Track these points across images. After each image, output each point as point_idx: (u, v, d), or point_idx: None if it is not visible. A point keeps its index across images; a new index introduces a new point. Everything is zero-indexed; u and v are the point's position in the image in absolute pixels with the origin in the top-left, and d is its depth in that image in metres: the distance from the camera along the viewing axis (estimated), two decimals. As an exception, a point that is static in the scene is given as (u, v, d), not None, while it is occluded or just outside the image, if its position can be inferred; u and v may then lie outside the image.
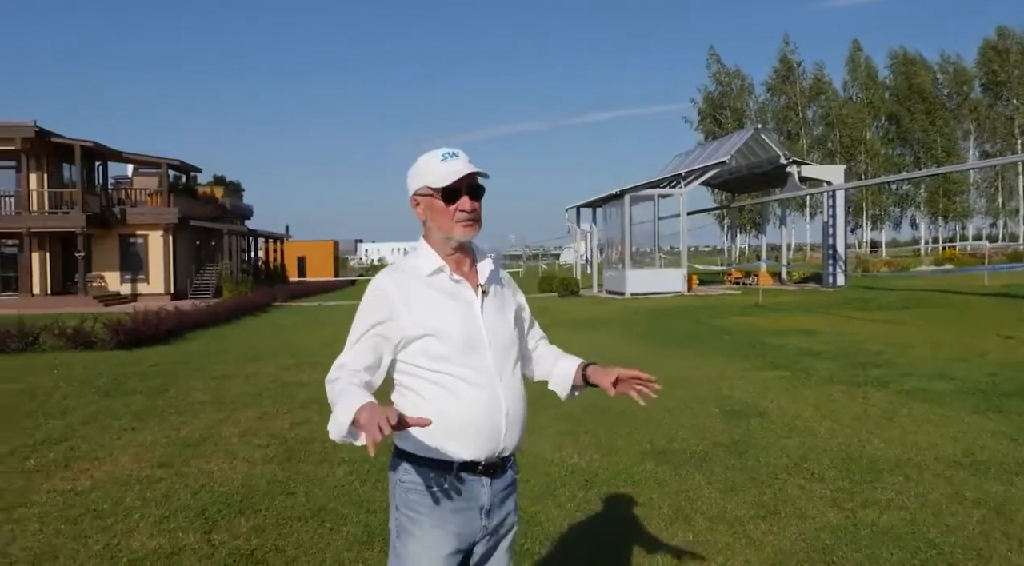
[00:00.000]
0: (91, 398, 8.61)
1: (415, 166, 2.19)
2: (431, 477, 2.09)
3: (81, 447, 6.36)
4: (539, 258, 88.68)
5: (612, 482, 5.31)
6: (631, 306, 22.37)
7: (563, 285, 28.72)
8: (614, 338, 14.39)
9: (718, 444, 6.22)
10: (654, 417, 7.22)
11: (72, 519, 4.60)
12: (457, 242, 2.16)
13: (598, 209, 31.32)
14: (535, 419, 7.03)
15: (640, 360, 11.06)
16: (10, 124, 31.26)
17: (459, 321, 2.11)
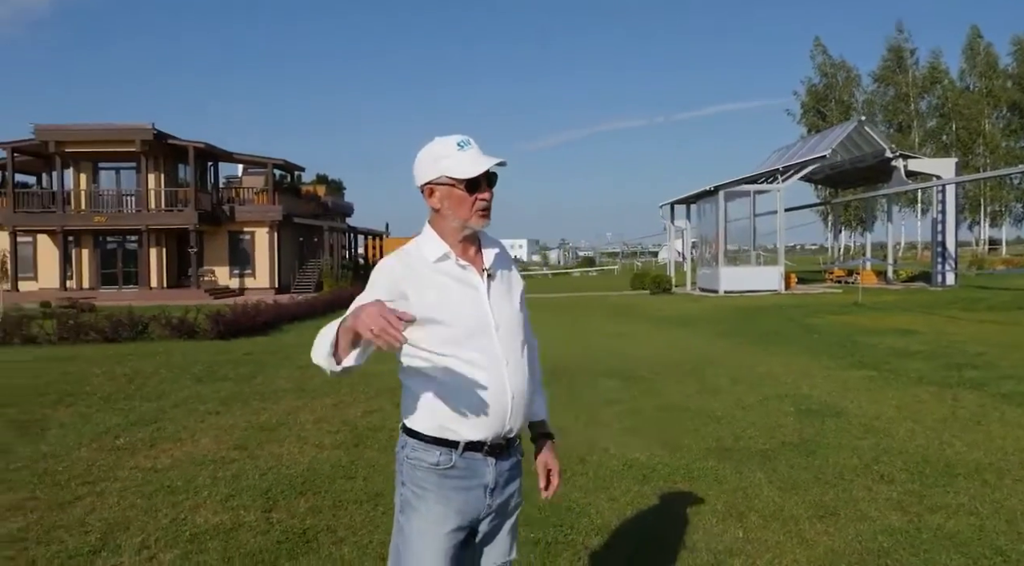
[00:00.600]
0: (184, 383, 9.09)
1: (429, 154, 2.17)
2: (437, 455, 2.12)
3: (167, 428, 6.73)
4: (637, 255, 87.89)
5: (670, 478, 5.24)
6: (722, 304, 21.90)
7: (655, 282, 28.36)
8: (697, 335, 14.14)
9: (786, 443, 6.05)
10: (726, 415, 7.08)
11: (147, 494, 4.89)
12: (475, 229, 2.17)
13: (692, 206, 30.76)
14: (603, 414, 7.07)
15: (719, 358, 10.85)
16: (131, 127, 33.25)
17: (467, 306, 2.13)
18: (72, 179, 34.90)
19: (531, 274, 69.46)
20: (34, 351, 13.06)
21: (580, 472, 5.38)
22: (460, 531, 2.15)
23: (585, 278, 55.28)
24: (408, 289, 2.09)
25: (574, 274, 64.56)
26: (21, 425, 6.89)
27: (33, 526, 4.32)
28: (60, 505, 4.69)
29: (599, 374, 9.55)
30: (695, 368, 9.87)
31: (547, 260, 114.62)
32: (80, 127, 33.61)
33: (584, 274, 62.38)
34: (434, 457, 2.12)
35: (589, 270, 66.33)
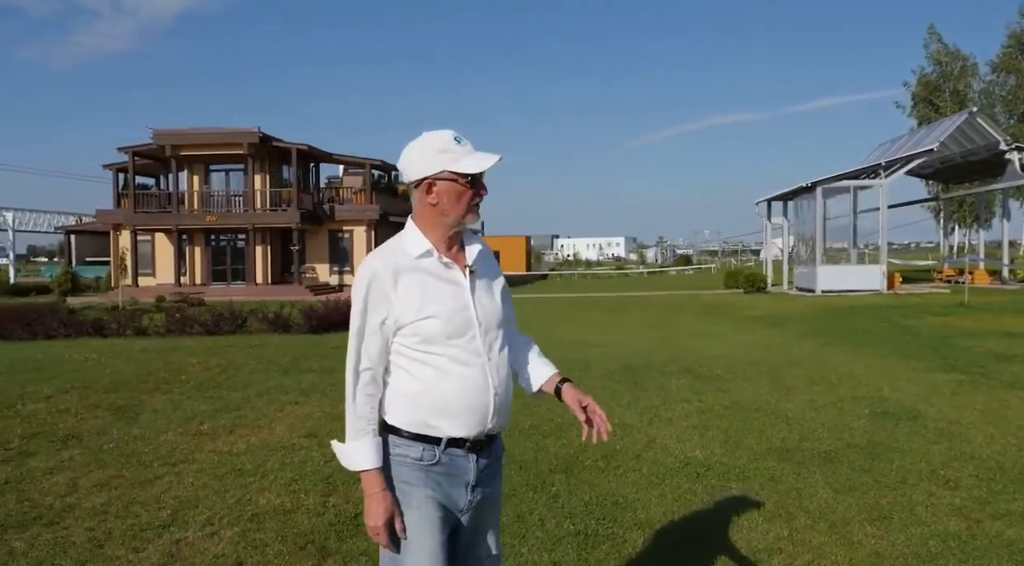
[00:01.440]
0: (271, 374, 9.54)
1: (428, 147, 2.13)
2: (421, 450, 2.14)
3: (248, 416, 7.11)
4: (737, 254, 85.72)
5: (724, 476, 5.20)
6: (817, 304, 21.23)
7: (748, 281, 27.73)
8: (782, 335, 13.79)
9: (853, 445, 5.90)
10: (795, 415, 6.94)
11: (219, 476, 5.21)
12: (468, 226, 2.19)
13: (790, 202, 29.88)
14: (668, 412, 7.05)
15: (800, 358, 10.59)
16: (239, 130, 34.84)
17: (451, 304, 2.13)
18: (186, 181, 36.84)
19: (626, 272, 68.91)
20: (143, 342, 13.93)
21: (633, 468, 5.40)
22: (448, 524, 2.17)
23: (681, 276, 54.47)
24: (393, 293, 2.09)
25: (670, 272, 63.66)
26: (120, 409, 7.41)
27: (115, 501, 4.68)
28: (141, 483, 5.06)
29: (673, 372, 9.48)
30: (773, 368, 9.66)
31: (643, 258, 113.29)
32: (193, 131, 35.43)
33: (680, 272, 61.44)
34: (417, 452, 2.13)
35: (685, 268, 65.26)
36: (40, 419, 6.94)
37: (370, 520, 2.09)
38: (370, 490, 2.09)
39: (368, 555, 3.86)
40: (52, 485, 5.00)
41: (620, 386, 8.64)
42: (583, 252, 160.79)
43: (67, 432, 6.44)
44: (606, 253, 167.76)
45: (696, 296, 27.14)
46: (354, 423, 2.12)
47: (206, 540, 4.05)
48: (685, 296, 27.44)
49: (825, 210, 28.49)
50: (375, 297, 2.10)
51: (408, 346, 2.12)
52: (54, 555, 3.83)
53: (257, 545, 3.98)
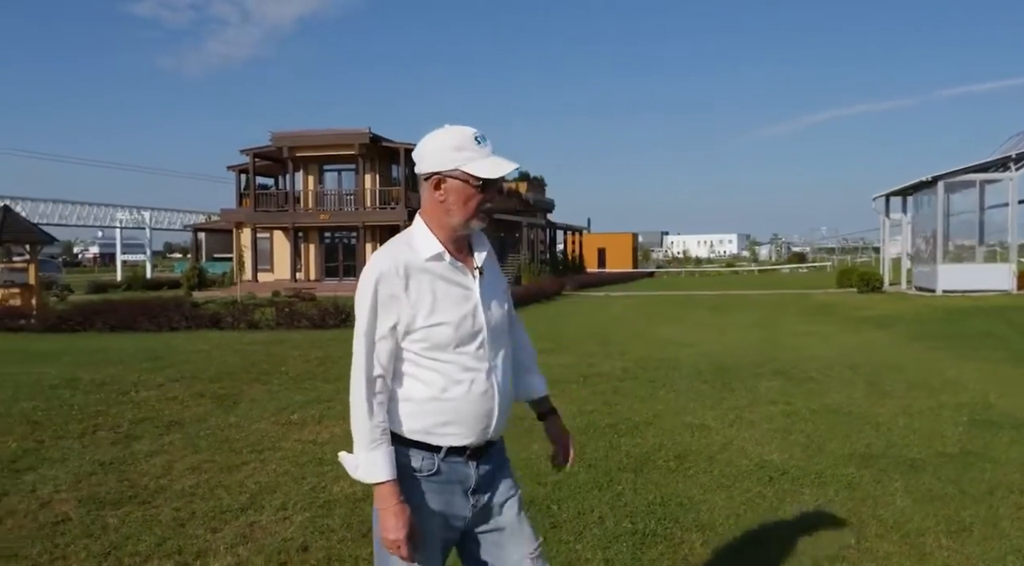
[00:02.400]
0: (365, 368, 9.87)
1: (445, 142, 2.05)
2: (420, 459, 2.07)
3: (337, 407, 7.40)
4: (859, 251, 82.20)
5: (798, 481, 5.07)
6: (935, 304, 20.13)
7: (863, 280, 26.57)
8: (889, 337, 13.18)
9: (943, 453, 5.62)
10: (886, 421, 6.67)
11: (301, 464, 5.47)
12: (473, 229, 2.11)
13: (910, 197, 28.42)
14: (753, 414, 6.90)
15: (904, 361, 10.14)
16: (350, 131, 36.05)
17: (461, 310, 2.06)
18: (301, 181, 38.42)
19: (736, 270, 67.23)
20: (254, 335, 14.67)
21: (705, 470, 5.34)
22: (450, 530, 2.13)
23: (793, 275, 52.75)
24: (403, 296, 2.02)
25: (783, 270, 61.75)
26: (221, 398, 7.86)
27: (202, 484, 5.00)
28: (228, 468, 5.37)
29: (765, 373, 9.25)
30: (872, 371, 9.28)
31: (756, 256, 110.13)
32: (308, 133, 36.90)
33: (793, 271, 59.50)
34: (417, 462, 2.07)
35: (799, 267, 63.10)
36: (149, 405, 7.45)
37: (389, 534, 1.98)
38: (387, 503, 2.00)
39: (426, 544, 3.99)
40: (150, 467, 5.38)
41: (706, 386, 8.51)
42: (693, 249, 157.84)
43: (171, 418, 6.90)
44: (717, 250, 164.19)
45: (805, 295, 26.24)
46: (369, 432, 2.02)
47: (278, 524, 4.28)
48: (794, 295, 26.57)
49: (948, 206, 26.98)
50: (384, 299, 2.01)
51: (415, 352, 2.05)
52: (140, 531, 4.13)
53: (324, 530, 4.18)
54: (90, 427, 6.53)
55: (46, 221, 68.12)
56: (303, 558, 3.81)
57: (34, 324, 16.91)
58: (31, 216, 64.30)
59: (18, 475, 5.17)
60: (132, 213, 70.92)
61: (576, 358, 10.79)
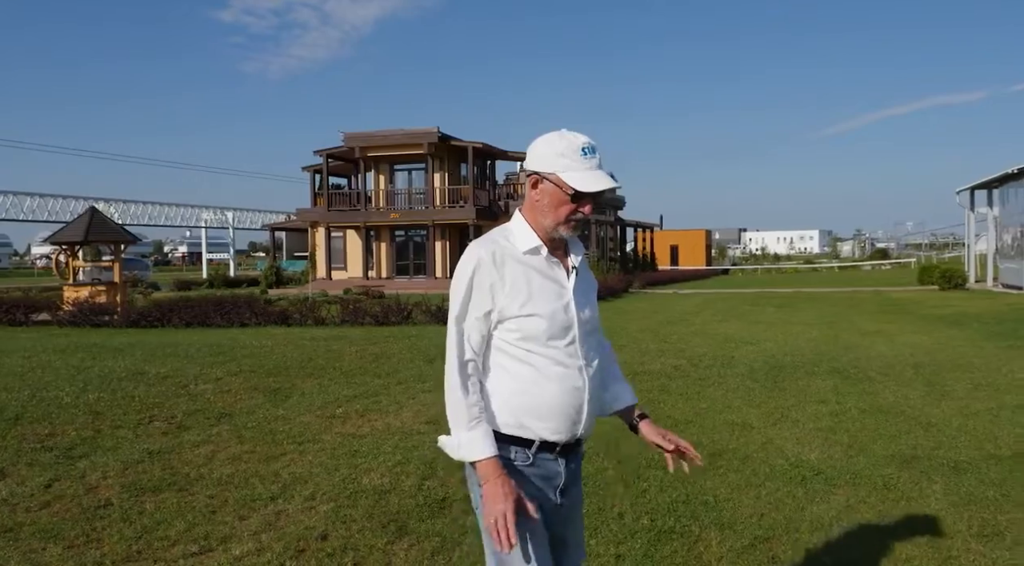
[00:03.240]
0: (416, 364, 10.04)
1: (552, 146, 2.11)
2: (514, 452, 2.10)
3: (382, 402, 7.56)
4: (948, 247, 78.87)
5: (832, 481, 4.95)
6: (1019, 303, 19.21)
7: (944, 277, 25.55)
8: (961, 336, 12.65)
9: (992, 456, 5.41)
10: (940, 422, 6.45)
11: (336, 456, 5.61)
12: (560, 237, 2.14)
13: (995, 190, 27.14)
14: (799, 413, 6.75)
15: (971, 361, 9.77)
16: (420, 131, 36.52)
17: (555, 303, 2.09)
18: (373, 180, 39.14)
19: (814, 267, 65.40)
20: (318, 331, 15.05)
21: (737, 468, 5.26)
22: (544, 524, 2.12)
23: (875, 272, 51.05)
24: (499, 285, 2.06)
25: (863, 268, 59.79)
26: (273, 392, 8.11)
27: (240, 473, 5.18)
28: (267, 458, 5.56)
29: (820, 372, 9.03)
30: (935, 371, 8.95)
31: (836, 252, 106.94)
32: (379, 133, 37.54)
33: (876, 268, 57.54)
34: (511, 454, 2.10)
35: (881, 263, 61.00)
36: (205, 398, 7.74)
37: (497, 505, 1.97)
38: (491, 476, 2.00)
39: (441, 535, 4.06)
40: (194, 456, 5.61)
41: (756, 385, 8.36)
42: (772, 246, 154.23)
43: (222, 410, 7.16)
44: (797, 247, 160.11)
45: (881, 293, 25.40)
46: (467, 412, 2.04)
47: (303, 513, 4.41)
48: (869, 293, 25.75)
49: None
50: (480, 286, 2.06)
51: (508, 342, 2.09)
52: (172, 517, 4.33)
53: (345, 520, 4.29)
54: (146, 417, 6.84)
55: (136, 222, 71.35)
56: (321, 546, 3.93)
57: (117, 320, 17.72)
58: (122, 217, 67.53)
59: (72, 462, 5.47)
60: (216, 213, 73.61)
61: (630, 355, 10.73)
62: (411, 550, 3.89)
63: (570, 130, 2.13)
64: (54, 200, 61.64)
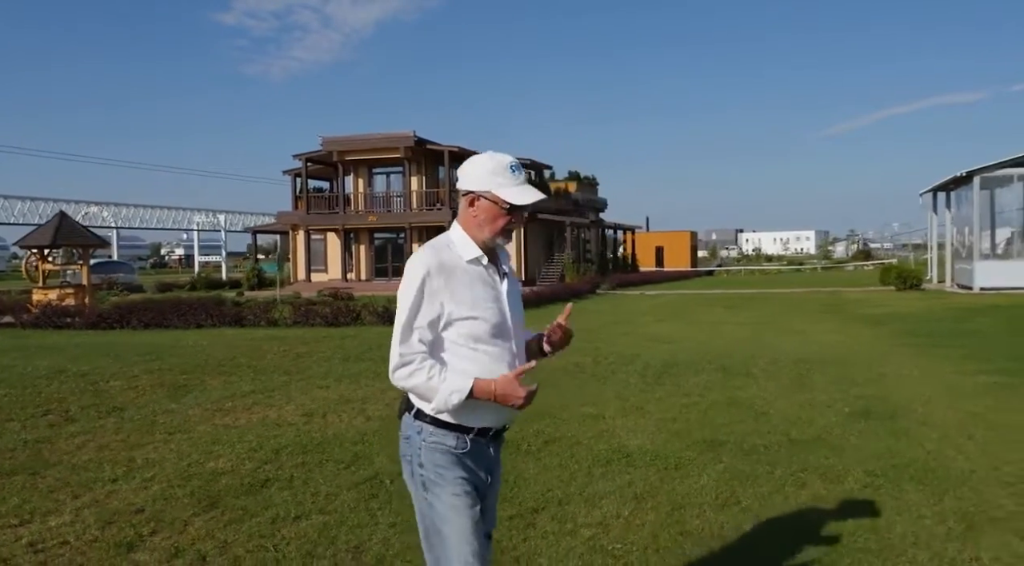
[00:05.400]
0: (332, 363, 10.54)
1: (483, 167, 2.37)
2: (454, 439, 2.37)
3: (274, 397, 8.06)
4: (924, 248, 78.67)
5: (633, 462, 5.44)
6: (959, 302, 19.71)
7: (900, 278, 26.04)
8: (874, 335, 13.19)
9: (792, 440, 5.92)
10: (775, 412, 6.99)
11: (198, 444, 6.10)
12: (495, 245, 2.43)
13: (953, 193, 27.65)
14: (652, 406, 7.21)
15: (861, 358, 10.32)
16: (396, 135, 37.06)
17: (493, 306, 2.37)
18: (352, 183, 39.68)
19: (798, 268, 65.89)
20: (264, 332, 15.54)
21: (558, 453, 5.74)
22: (477, 501, 2.41)
23: (856, 272, 51.53)
24: (445, 291, 2.32)
25: (847, 268, 60.29)
26: (179, 387, 8.61)
27: (97, 459, 5.66)
28: (133, 447, 6.06)
29: (708, 369, 9.52)
30: (813, 367, 9.46)
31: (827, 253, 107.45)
32: (356, 137, 38.07)
33: (858, 268, 58.02)
34: (452, 441, 2.37)
35: (864, 264, 61.50)
36: (108, 394, 8.25)
37: (515, 402, 2.30)
38: (486, 390, 2.29)
39: (244, 509, 4.57)
40: (66, 445, 6.11)
41: (640, 381, 8.85)
42: (768, 247, 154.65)
43: (117, 405, 7.66)
44: (793, 248, 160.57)
45: (839, 293, 25.89)
46: (427, 381, 2.30)
47: (134, 492, 4.91)
48: (827, 293, 26.24)
49: (994, 202, 26.25)
50: (428, 293, 2.31)
51: (455, 341, 2.35)
52: (11, 495, 4.83)
53: (168, 498, 4.79)
54: (42, 411, 7.35)
55: (128, 224, 72.01)
56: (131, 518, 4.43)
57: (79, 322, 18.23)
58: (114, 220, 68.16)
59: (-49, 449, 5.98)
60: (209, 216, 74.20)
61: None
62: (210, 521, 4.39)
63: (496, 152, 2.41)
64: (45, 204, 62.14)
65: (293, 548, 3.99)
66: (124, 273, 43.74)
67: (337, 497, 4.79)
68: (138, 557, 3.89)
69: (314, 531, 4.23)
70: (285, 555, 3.91)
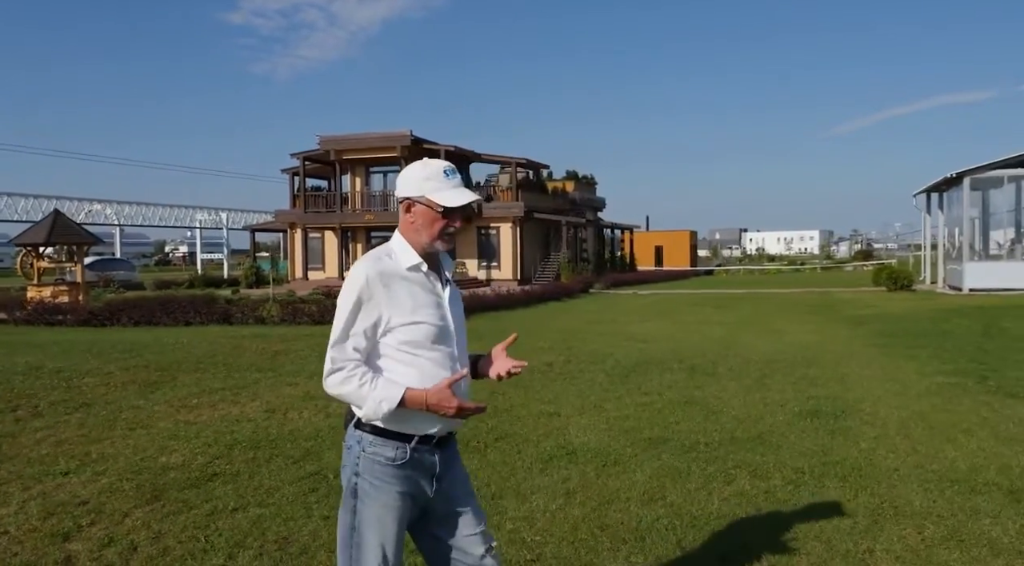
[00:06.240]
0: (309, 361, 10.63)
1: (417, 173, 2.42)
2: (394, 449, 2.38)
3: (241, 394, 8.20)
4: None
5: (575, 459, 5.59)
6: (945, 303, 19.80)
7: (891, 278, 26.12)
8: (850, 335, 13.30)
9: (733, 439, 6.05)
10: (726, 411, 7.11)
11: (156, 439, 6.25)
12: (436, 251, 2.45)
13: (945, 194, 27.72)
14: (610, 404, 7.35)
15: (828, 359, 10.43)
16: (393, 134, 37.23)
17: (434, 312, 2.41)
18: (349, 182, 39.86)
19: (798, 268, 65.88)
20: (250, 330, 15.71)
21: (505, 450, 5.87)
22: (409, 513, 2.45)
23: (855, 272, 51.51)
24: (384, 298, 2.35)
25: (846, 268, 60.29)
26: (150, 384, 8.76)
27: (54, 454, 5.80)
28: (92, 441, 6.21)
29: (674, 369, 9.64)
30: (779, 367, 9.60)
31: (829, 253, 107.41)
32: (353, 136, 38.26)
33: (857, 268, 58.00)
34: (391, 452, 2.38)
35: (864, 264, 61.45)
36: (80, 390, 8.41)
37: (446, 411, 2.33)
38: (420, 398, 2.32)
39: (185, 501, 4.72)
40: (27, 439, 6.27)
41: (606, 379, 8.96)
42: (771, 247, 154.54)
43: (85, 401, 7.82)
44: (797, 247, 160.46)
45: (829, 294, 26.00)
46: (359, 388, 2.32)
47: (83, 485, 5.05)
48: (818, 294, 26.35)
49: (986, 203, 26.35)
50: (367, 301, 2.35)
51: (394, 347, 2.39)
52: (-37, 487, 5.01)
53: (114, 490, 4.94)
54: (11, 406, 7.51)
55: (130, 222, 72.42)
56: (73, 510, 4.58)
57: (69, 319, 18.44)
58: (116, 218, 68.54)
59: (-84, 443, 6.14)
60: (211, 214, 74.52)
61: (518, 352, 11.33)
62: (150, 512, 4.54)
63: (431, 158, 2.48)
64: (48, 201, 62.42)
65: (224, 539, 4.14)
66: (124, 270, 44.04)
67: (278, 491, 4.94)
68: (72, 546, 4.04)
69: (248, 523, 4.37)
70: (214, 545, 4.06)
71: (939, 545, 3.81)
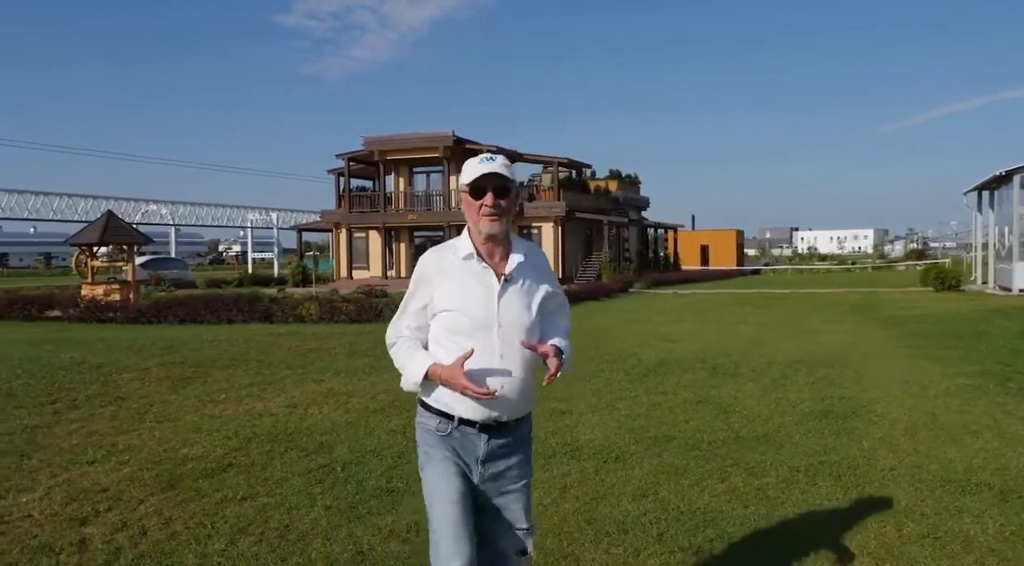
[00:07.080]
0: (337, 358, 10.96)
1: (464, 168, 2.59)
2: (437, 422, 2.59)
3: (268, 390, 8.49)
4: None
5: (579, 456, 5.72)
6: (990, 304, 19.35)
7: (938, 279, 25.56)
8: (884, 337, 13.13)
9: (737, 438, 6.12)
10: (737, 411, 7.15)
11: (181, 432, 6.54)
12: (485, 233, 2.53)
13: (996, 192, 27.00)
14: (625, 403, 7.45)
15: (851, 360, 10.33)
16: (435, 134, 37.64)
17: (476, 301, 2.51)
18: (393, 182, 40.39)
19: (848, 267, 64.71)
20: (287, 327, 16.11)
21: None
22: (465, 481, 2.56)
23: (908, 272, 50.41)
24: (435, 283, 2.56)
25: (898, 267, 59.04)
26: (183, 380, 9.11)
27: (84, 444, 6.12)
28: (121, 432, 6.53)
29: (695, 369, 9.68)
30: (802, 368, 9.57)
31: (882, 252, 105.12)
32: (397, 137, 38.76)
33: (910, 267, 56.73)
34: (434, 423, 2.59)
35: (917, 263, 60.07)
36: (116, 384, 8.79)
37: (455, 388, 2.46)
38: (436, 374, 2.51)
39: (198, 490, 4.97)
40: (61, 430, 6.61)
41: (625, 378, 9.06)
42: (823, 246, 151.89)
43: (120, 395, 8.18)
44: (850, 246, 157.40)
45: (874, 294, 25.56)
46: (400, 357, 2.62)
47: (106, 474, 5.35)
48: (862, 294, 25.92)
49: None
50: (421, 286, 2.61)
51: (438, 330, 2.58)
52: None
53: (134, 479, 5.22)
54: (51, 399, 7.90)
55: (185, 222, 74.40)
56: (94, 496, 4.86)
57: (119, 317, 19.12)
58: (171, 218, 70.45)
59: (-43, 433, 6.53)
60: (262, 214, 76.08)
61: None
62: (164, 500, 4.80)
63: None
64: (106, 201, 64.36)
65: (228, 525, 4.37)
66: (177, 269, 45.25)
67: (287, 482, 5.17)
68: (87, 530, 4.31)
69: (254, 511, 4.60)
70: (219, 531, 4.29)
71: (914, 542, 3.86)
